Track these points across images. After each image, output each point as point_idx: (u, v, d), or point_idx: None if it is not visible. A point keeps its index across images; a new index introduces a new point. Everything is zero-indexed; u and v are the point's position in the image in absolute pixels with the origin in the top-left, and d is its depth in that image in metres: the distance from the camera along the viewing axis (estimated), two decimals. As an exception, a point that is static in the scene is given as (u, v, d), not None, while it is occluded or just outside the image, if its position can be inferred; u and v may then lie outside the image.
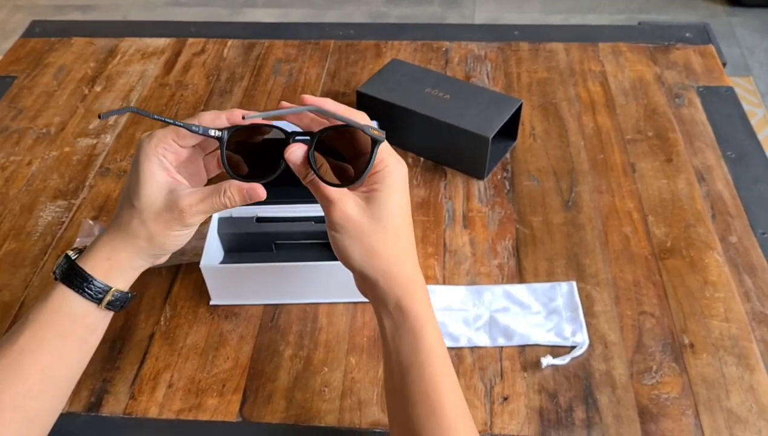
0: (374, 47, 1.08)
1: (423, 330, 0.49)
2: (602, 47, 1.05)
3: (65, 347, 0.51)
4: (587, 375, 0.64)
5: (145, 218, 0.50)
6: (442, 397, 0.48)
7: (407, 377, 0.48)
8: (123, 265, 0.52)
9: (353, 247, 0.49)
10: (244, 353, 0.67)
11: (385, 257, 0.49)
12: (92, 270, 0.51)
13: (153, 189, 0.50)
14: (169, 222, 0.51)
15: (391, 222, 0.49)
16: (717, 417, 0.61)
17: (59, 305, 0.51)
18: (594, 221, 0.79)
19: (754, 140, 0.89)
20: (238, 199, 0.52)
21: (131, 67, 1.06)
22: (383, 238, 0.49)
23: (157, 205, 0.50)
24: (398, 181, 0.50)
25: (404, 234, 0.50)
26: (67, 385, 0.53)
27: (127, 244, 0.51)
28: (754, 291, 0.71)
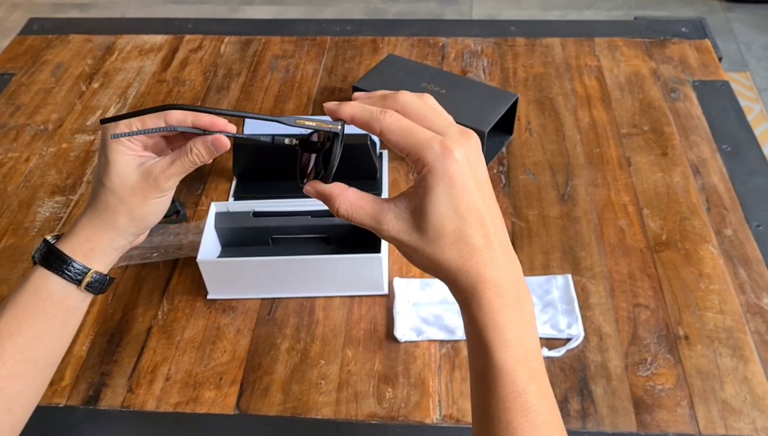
0: (371, 43, 1.09)
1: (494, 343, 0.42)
2: (598, 42, 1.06)
3: (45, 329, 0.51)
4: (583, 367, 0.65)
5: (121, 194, 0.51)
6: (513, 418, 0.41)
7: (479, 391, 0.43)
8: (103, 245, 0.52)
9: (414, 260, 0.45)
10: (241, 347, 0.67)
11: (444, 266, 0.43)
12: (72, 252, 0.51)
13: (123, 167, 0.51)
14: (145, 191, 0.51)
15: (442, 228, 0.42)
16: (711, 408, 0.61)
17: (38, 287, 0.51)
18: (590, 215, 0.79)
19: (749, 134, 0.89)
20: (205, 153, 0.51)
21: (128, 64, 1.06)
22: (439, 247, 0.43)
23: (131, 179, 0.51)
24: (443, 180, 0.42)
25: (469, 231, 0.42)
26: (47, 368, 0.53)
27: (107, 223, 0.52)
28: (749, 283, 0.71)
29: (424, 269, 0.45)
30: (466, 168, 0.42)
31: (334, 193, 0.45)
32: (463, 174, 0.42)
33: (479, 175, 0.43)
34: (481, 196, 0.43)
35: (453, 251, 0.43)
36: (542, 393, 0.43)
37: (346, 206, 0.45)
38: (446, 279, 0.44)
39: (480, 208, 0.43)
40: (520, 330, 0.43)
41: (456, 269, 0.43)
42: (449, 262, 0.43)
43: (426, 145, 0.42)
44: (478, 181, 0.43)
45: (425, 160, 0.42)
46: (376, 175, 0.79)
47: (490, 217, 0.43)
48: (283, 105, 0.97)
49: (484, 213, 0.43)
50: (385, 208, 0.44)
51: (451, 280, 0.44)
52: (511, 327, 0.42)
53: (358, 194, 0.45)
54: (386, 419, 0.61)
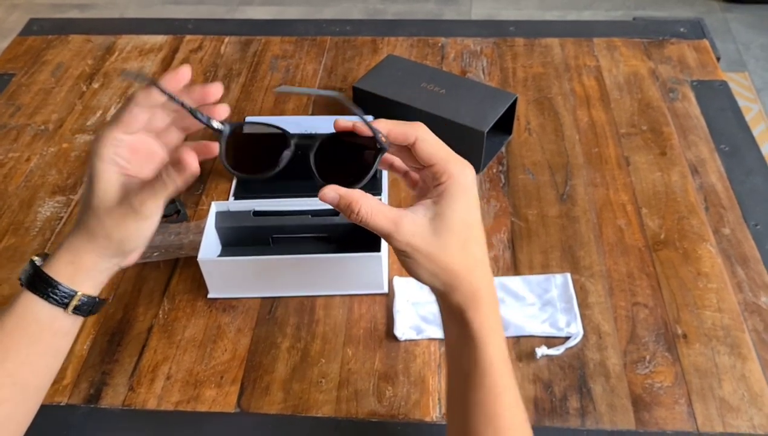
0: (370, 43, 1.09)
1: (486, 343, 0.47)
2: (597, 42, 1.06)
3: (33, 353, 0.50)
4: (581, 365, 0.65)
5: (100, 214, 0.49)
6: (502, 408, 0.47)
7: (468, 383, 0.48)
8: (87, 267, 0.50)
9: (421, 268, 0.47)
10: (241, 345, 0.68)
11: (452, 272, 0.47)
12: (57, 275, 0.49)
13: (106, 186, 0.49)
14: (123, 216, 0.49)
15: (457, 236, 0.47)
16: (710, 405, 0.62)
17: (25, 311, 0.49)
18: (588, 214, 0.79)
19: (747, 133, 0.90)
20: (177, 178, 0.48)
21: (129, 64, 1.07)
22: (451, 253, 0.47)
23: (110, 200, 0.49)
24: (463, 191, 0.47)
25: (473, 244, 0.48)
26: (37, 392, 0.52)
27: (88, 245, 0.50)
28: (747, 282, 0.72)
29: (427, 276, 0.48)
30: (474, 187, 0.48)
31: (355, 196, 0.47)
32: (475, 190, 0.48)
33: (477, 199, 0.49)
34: (478, 216, 0.49)
35: (461, 258, 0.47)
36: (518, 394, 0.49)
37: (367, 209, 0.46)
38: (447, 285, 0.48)
39: (480, 223, 0.49)
40: (501, 334, 0.49)
41: (462, 276, 0.47)
42: (457, 268, 0.47)
43: (452, 160, 0.48)
44: (477, 204, 0.49)
45: (451, 171, 0.47)
46: (376, 174, 0.80)
47: (483, 234, 0.50)
48: (283, 105, 0.98)
49: (481, 229, 0.49)
50: (402, 213, 0.47)
51: (452, 286, 0.48)
52: (498, 331, 0.49)
53: (377, 200, 0.47)
54: (386, 417, 0.62)
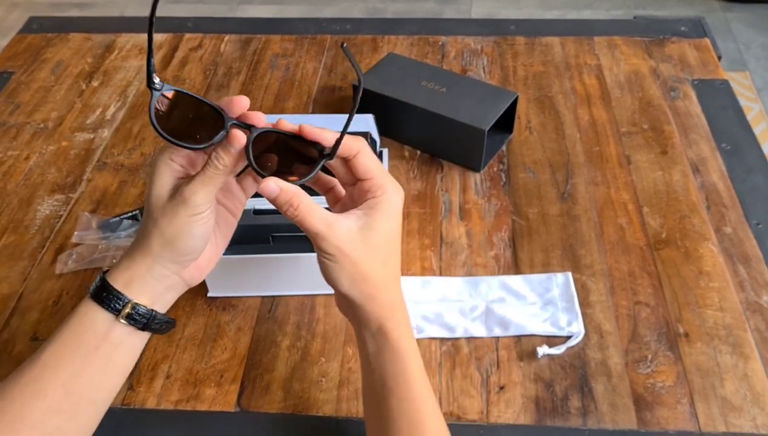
0: (371, 42, 1.09)
1: (405, 353, 0.50)
2: (598, 41, 1.06)
3: (87, 363, 0.48)
4: (583, 364, 0.65)
5: (155, 215, 0.49)
6: (425, 415, 0.49)
7: (390, 394, 0.49)
8: (141, 273, 0.49)
9: (344, 273, 0.49)
10: (241, 344, 0.67)
11: (372, 282, 0.50)
12: (113, 280, 0.49)
13: (160, 186, 0.49)
14: (174, 209, 0.48)
15: (381, 248, 0.50)
16: (712, 405, 0.61)
17: (83, 318, 0.49)
18: (589, 213, 0.79)
19: (748, 132, 0.89)
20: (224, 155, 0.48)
21: (128, 63, 1.06)
22: (373, 264, 0.49)
23: (163, 197, 0.49)
24: (394, 208, 0.50)
25: (392, 260, 0.51)
26: (92, 406, 0.50)
27: (144, 248, 0.49)
28: (749, 281, 0.71)
29: (347, 284, 0.50)
30: (401, 207, 0.51)
31: (295, 192, 0.48)
32: (401, 212, 0.51)
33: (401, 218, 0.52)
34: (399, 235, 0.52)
35: (382, 270, 0.50)
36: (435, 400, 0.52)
37: (305, 207, 0.48)
38: (365, 295, 0.50)
39: (399, 244, 0.52)
40: (416, 344, 0.52)
41: (380, 287, 0.50)
42: (377, 279, 0.50)
43: (388, 178, 0.51)
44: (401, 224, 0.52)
45: (386, 187, 0.50)
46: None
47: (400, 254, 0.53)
48: (283, 103, 0.97)
49: (399, 249, 0.52)
50: (335, 217, 0.49)
51: (370, 296, 0.50)
52: (413, 342, 0.52)
53: (312, 200, 0.49)
54: (387, 416, 0.61)
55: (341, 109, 0.96)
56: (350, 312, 0.52)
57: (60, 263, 0.75)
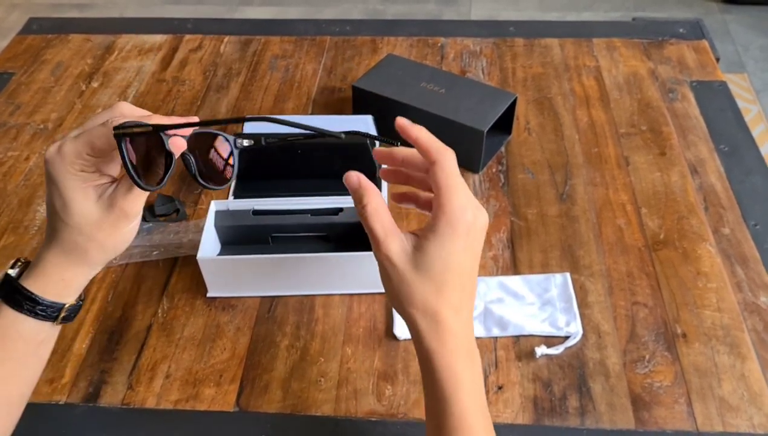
0: (370, 43, 1.09)
1: (455, 390, 0.45)
2: (596, 43, 1.06)
3: (18, 366, 0.49)
4: (581, 364, 0.65)
5: (87, 232, 0.47)
6: None
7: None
8: (78, 280, 0.50)
9: (389, 286, 0.46)
10: (241, 344, 0.68)
11: (418, 306, 0.45)
12: (44, 292, 0.48)
13: (83, 204, 0.47)
14: (113, 223, 0.47)
15: (434, 277, 0.45)
16: (709, 405, 0.62)
17: (7, 328, 0.48)
18: (588, 214, 0.79)
19: (746, 134, 0.90)
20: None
21: (128, 64, 1.07)
22: (421, 288, 0.45)
23: (94, 215, 0.47)
24: (453, 233, 0.45)
25: (450, 290, 0.45)
26: (20, 400, 0.51)
27: (78, 260, 0.48)
28: (746, 282, 0.72)
29: (391, 299, 0.47)
30: (474, 233, 0.45)
31: (372, 191, 0.47)
32: (471, 234, 0.45)
33: (476, 247, 0.47)
34: (471, 264, 0.46)
35: (431, 299, 0.45)
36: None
37: (374, 206, 0.46)
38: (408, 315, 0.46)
39: (467, 273, 0.46)
40: (474, 381, 0.46)
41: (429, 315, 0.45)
42: (425, 305, 0.45)
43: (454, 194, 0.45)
44: (474, 252, 0.46)
45: (447, 208, 0.45)
46: (376, 174, 0.80)
47: (470, 285, 0.47)
48: (283, 104, 0.97)
49: (467, 280, 0.46)
50: (397, 232, 0.46)
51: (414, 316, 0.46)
52: (469, 378, 0.45)
53: (385, 205, 0.47)
54: (386, 416, 0.61)
55: (341, 110, 0.96)
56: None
57: (60, 263, 0.75)
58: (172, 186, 0.84)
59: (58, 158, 0.46)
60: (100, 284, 0.73)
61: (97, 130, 0.45)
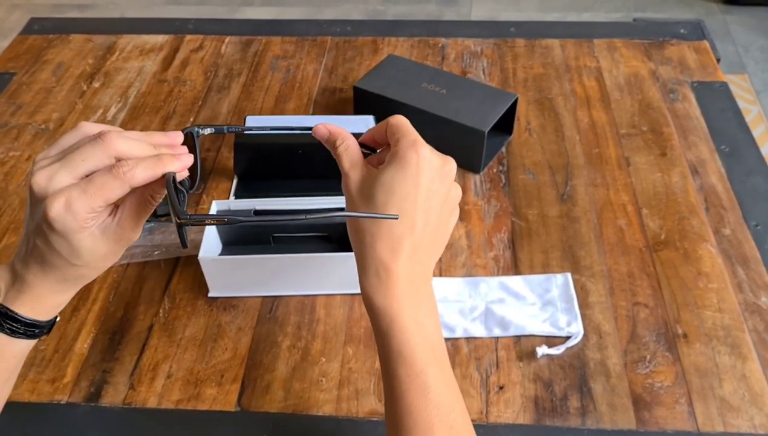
0: (371, 44, 1.09)
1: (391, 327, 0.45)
2: (597, 43, 1.06)
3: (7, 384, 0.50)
4: (582, 365, 0.65)
5: (94, 265, 0.47)
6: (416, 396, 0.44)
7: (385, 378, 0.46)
8: (62, 301, 0.49)
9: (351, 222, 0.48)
10: (242, 344, 0.68)
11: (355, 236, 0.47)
12: (37, 315, 0.47)
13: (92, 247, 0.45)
14: (118, 252, 0.47)
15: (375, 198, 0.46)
16: (710, 405, 0.62)
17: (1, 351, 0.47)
18: (589, 214, 0.79)
19: (747, 134, 0.90)
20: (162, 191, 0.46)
21: (129, 64, 1.07)
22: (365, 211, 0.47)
23: (103, 251, 0.46)
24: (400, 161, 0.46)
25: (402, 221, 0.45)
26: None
27: (74, 284, 0.48)
28: (747, 282, 0.72)
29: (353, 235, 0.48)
30: (424, 165, 0.46)
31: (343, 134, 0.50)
32: (416, 166, 0.46)
33: (432, 187, 0.46)
34: (424, 198, 0.46)
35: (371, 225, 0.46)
36: (443, 375, 0.45)
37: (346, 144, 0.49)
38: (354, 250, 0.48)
39: (414, 204, 0.46)
40: (414, 318, 0.45)
41: (368, 244, 0.46)
42: (365, 233, 0.46)
43: (405, 134, 0.47)
44: (429, 189, 0.46)
45: (399, 142, 0.47)
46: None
47: (421, 219, 0.46)
48: (284, 105, 0.98)
49: (417, 212, 0.46)
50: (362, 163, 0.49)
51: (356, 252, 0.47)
52: (405, 314, 0.45)
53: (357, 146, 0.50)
54: (387, 416, 0.62)
55: (342, 110, 0.97)
56: None
57: (61, 263, 0.75)
58: (174, 186, 0.84)
59: (69, 217, 0.43)
60: (101, 285, 0.74)
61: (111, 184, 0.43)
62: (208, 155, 0.89)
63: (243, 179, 0.83)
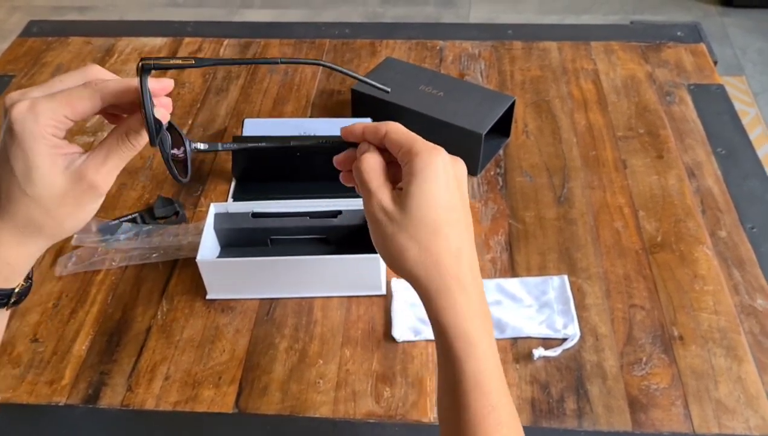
0: (369, 46, 1.09)
1: (467, 353, 0.42)
2: (594, 46, 1.07)
3: None
4: (578, 367, 0.65)
5: (47, 205, 0.42)
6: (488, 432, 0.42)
7: (452, 403, 0.43)
8: (25, 262, 0.45)
9: (385, 243, 0.44)
10: (240, 346, 0.68)
11: (416, 259, 0.43)
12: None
13: (49, 172, 0.41)
14: (78, 198, 0.42)
15: (425, 216, 0.43)
16: (706, 407, 0.62)
17: None
18: (586, 216, 0.80)
19: (743, 137, 0.90)
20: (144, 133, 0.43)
21: (128, 66, 1.07)
22: (416, 234, 0.43)
23: (59, 187, 0.42)
24: (429, 168, 0.43)
25: (446, 230, 0.43)
26: None
27: (29, 239, 0.43)
28: (743, 284, 0.72)
29: (393, 258, 0.44)
30: (450, 168, 0.44)
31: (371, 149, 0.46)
32: (446, 172, 0.44)
33: (461, 187, 0.45)
34: (461, 201, 0.44)
35: (430, 244, 0.43)
36: (511, 407, 0.44)
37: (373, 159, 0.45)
38: (409, 274, 0.44)
39: (460, 208, 0.44)
40: (490, 343, 0.43)
41: (429, 264, 0.43)
42: (423, 254, 0.43)
43: (420, 141, 0.44)
44: (461, 192, 0.45)
45: (417, 149, 0.44)
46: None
47: (466, 223, 0.45)
48: (282, 107, 0.98)
49: (461, 216, 0.44)
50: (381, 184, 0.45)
51: (415, 275, 0.43)
52: (481, 339, 0.43)
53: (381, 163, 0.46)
54: (384, 418, 0.62)
55: (340, 113, 0.97)
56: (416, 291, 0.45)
57: (59, 266, 0.75)
58: (172, 188, 0.85)
59: (30, 117, 0.40)
60: (99, 286, 0.74)
61: (79, 91, 0.41)
62: (206, 157, 0.89)
63: (241, 181, 0.84)
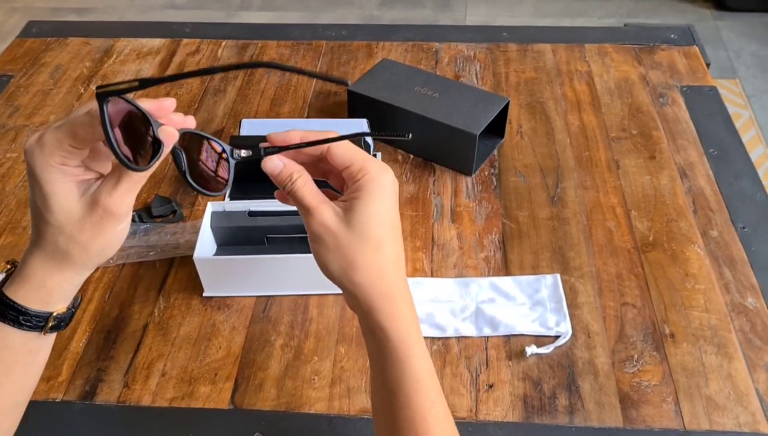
0: (366, 48, 1.10)
1: (409, 356, 0.46)
2: (588, 48, 1.08)
3: (8, 377, 0.46)
4: (570, 364, 0.66)
5: (69, 232, 0.43)
6: (430, 427, 0.46)
7: (394, 403, 0.46)
8: (62, 287, 0.46)
9: (330, 257, 0.46)
10: (236, 343, 0.68)
11: (363, 270, 0.46)
12: (26, 301, 0.45)
13: (64, 200, 0.43)
14: (97, 224, 0.43)
15: (371, 232, 0.45)
16: (696, 404, 0.63)
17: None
18: (579, 216, 0.81)
19: (735, 138, 0.91)
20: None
21: (127, 67, 1.08)
22: (362, 249, 0.45)
23: (76, 214, 0.43)
24: (380, 189, 0.46)
25: (389, 245, 0.46)
26: (16, 408, 0.49)
27: (61, 265, 0.45)
28: (734, 283, 0.73)
29: (337, 270, 0.46)
30: (396, 187, 0.47)
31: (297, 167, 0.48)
32: (394, 191, 0.47)
33: (397, 205, 0.48)
34: (397, 217, 0.47)
35: (374, 257, 0.46)
36: (446, 403, 0.48)
37: (302, 181, 0.47)
38: (354, 284, 0.46)
39: (398, 227, 0.48)
40: (423, 345, 0.47)
41: (374, 275, 0.46)
42: (368, 267, 0.46)
43: (370, 160, 0.47)
44: (397, 209, 0.48)
45: (368, 168, 0.46)
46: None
47: (400, 236, 0.48)
48: (279, 108, 0.99)
49: (399, 231, 0.48)
50: (327, 201, 0.47)
51: (360, 285, 0.46)
52: (419, 339, 0.47)
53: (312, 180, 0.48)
54: (378, 413, 0.62)
55: (336, 114, 0.98)
56: (353, 307, 0.48)
57: (57, 263, 0.76)
58: (169, 187, 0.85)
59: (37, 149, 0.42)
60: (97, 284, 0.74)
61: (79, 118, 0.42)
62: (204, 157, 0.89)
63: (237, 180, 0.84)
